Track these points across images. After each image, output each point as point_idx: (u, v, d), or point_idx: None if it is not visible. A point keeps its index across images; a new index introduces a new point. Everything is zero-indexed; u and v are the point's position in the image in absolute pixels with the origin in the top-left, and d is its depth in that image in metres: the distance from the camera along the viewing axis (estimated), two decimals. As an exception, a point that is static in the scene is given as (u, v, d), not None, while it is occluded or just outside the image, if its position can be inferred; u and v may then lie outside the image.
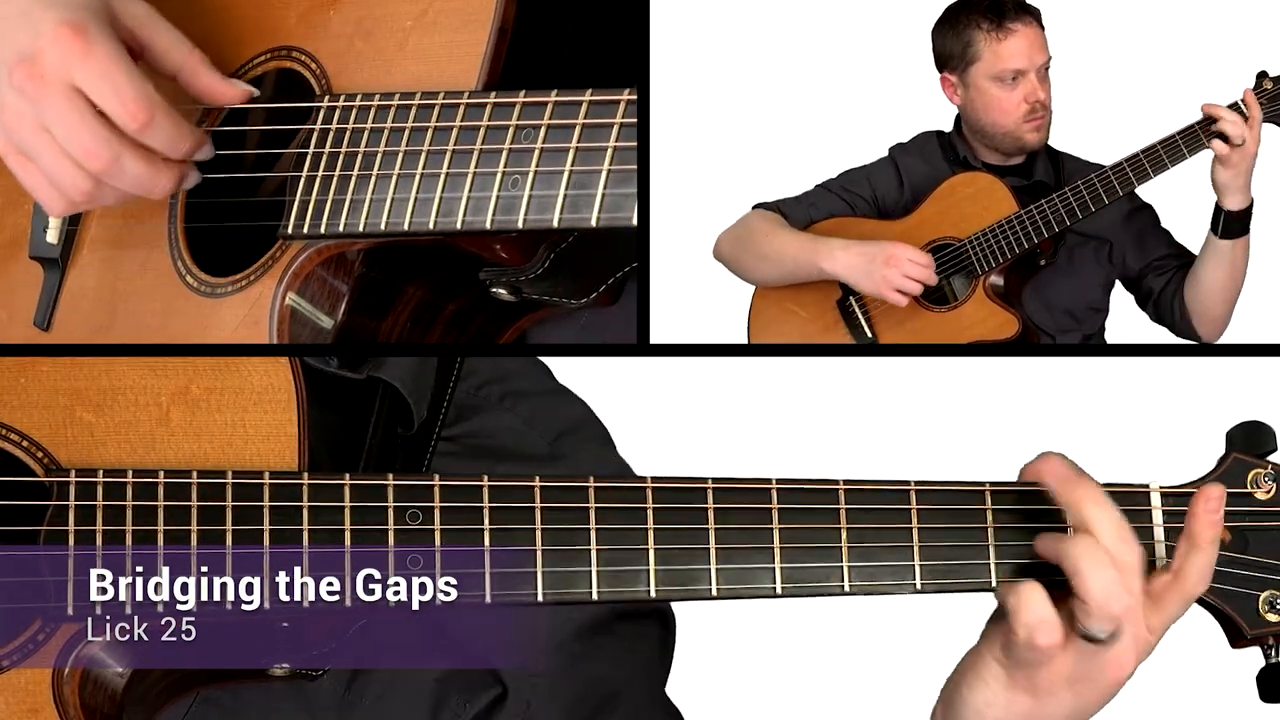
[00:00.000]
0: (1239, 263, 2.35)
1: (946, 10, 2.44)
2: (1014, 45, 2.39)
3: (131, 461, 1.57)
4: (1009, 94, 2.40)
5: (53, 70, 1.59)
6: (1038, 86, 2.39)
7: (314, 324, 1.67)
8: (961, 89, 2.43)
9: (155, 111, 1.61)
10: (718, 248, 2.52)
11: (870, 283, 2.38)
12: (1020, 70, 2.39)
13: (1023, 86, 2.39)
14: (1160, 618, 1.60)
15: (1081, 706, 1.60)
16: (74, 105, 1.59)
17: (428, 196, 1.61)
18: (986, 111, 2.42)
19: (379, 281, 1.69)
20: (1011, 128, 2.41)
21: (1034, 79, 2.39)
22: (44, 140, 1.61)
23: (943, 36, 2.43)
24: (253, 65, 1.75)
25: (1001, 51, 2.39)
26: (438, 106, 1.61)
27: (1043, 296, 2.44)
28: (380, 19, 1.69)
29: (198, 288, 1.70)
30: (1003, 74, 2.39)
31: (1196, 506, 1.59)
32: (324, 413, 1.65)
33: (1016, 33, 2.39)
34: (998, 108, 2.41)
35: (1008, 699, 1.59)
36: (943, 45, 2.43)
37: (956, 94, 2.44)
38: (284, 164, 1.74)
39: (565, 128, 1.57)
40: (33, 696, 1.53)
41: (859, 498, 1.61)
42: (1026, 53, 2.39)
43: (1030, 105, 2.39)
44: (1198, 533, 1.58)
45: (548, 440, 1.86)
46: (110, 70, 1.59)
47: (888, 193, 2.49)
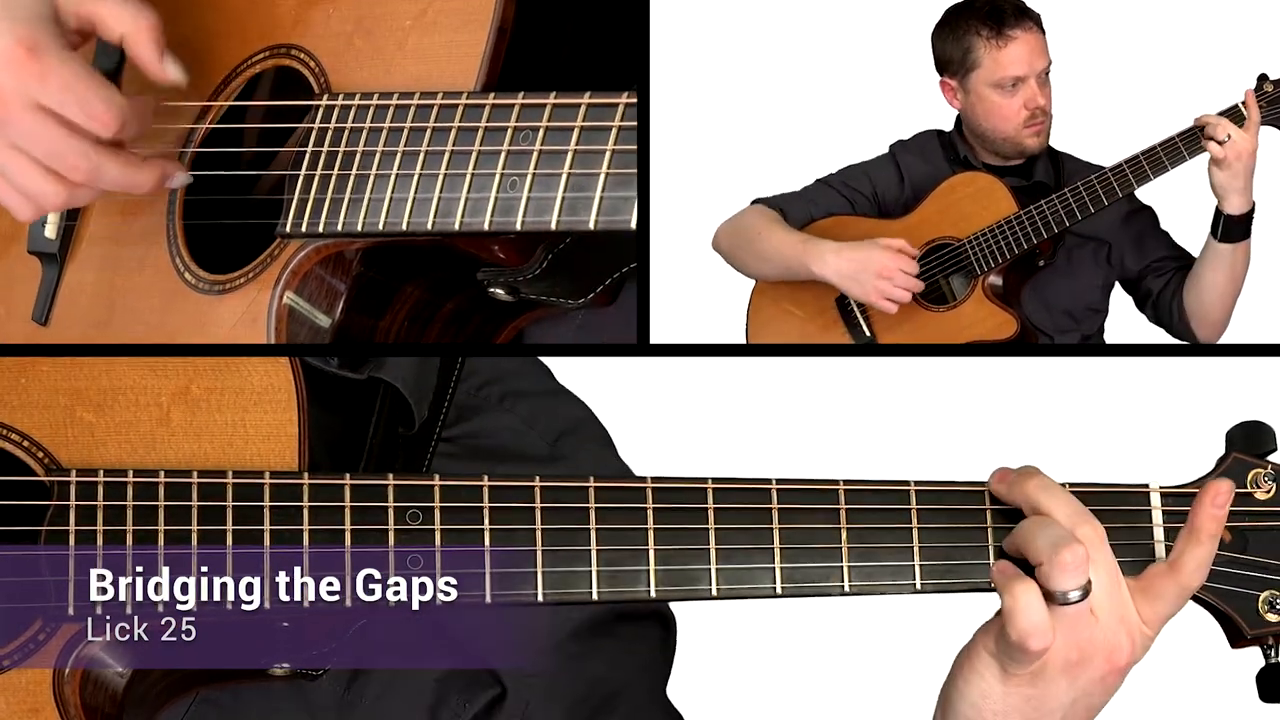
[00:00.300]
0: (1239, 267, 2.34)
1: (945, 14, 2.43)
2: (1014, 52, 2.38)
3: (132, 461, 1.57)
4: (1009, 100, 2.39)
5: (13, 93, 1.58)
6: (1037, 92, 2.39)
7: (312, 323, 1.67)
8: (961, 94, 2.43)
9: (123, 114, 1.61)
10: (715, 239, 2.51)
11: (861, 290, 2.38)
12: (1020, 77, 2.38)
13: (1022, 93, 2.39)
14: (1154, 609, 1.59)
15: (1081, 694, 1.59)
16: (44, 124, 1.59)
17: (426, 197, 1.61)
18: (987, 118, 2.41)
19: (377, 281, 1.68)
20: (1011, 133, 2.40)
21: (1034, 85, 2.38)
22: (15, 158, 1.61)
23: (942, 41, 2.43)
24: (252, 63, 1.75)
25: (1001, 59, 2.38)
26: (436, 107, 1.61)
27: (1042, 297, 2.44)
28: (380, 18, 1.68)
29: (196, 285, 1.70)
30: (1003, 81, 2.39)
31: (1204, 500, 1.59)
32: (324, 413, 1.65)
33: (1016, 39, 2.38)
34: (998, 114, 2.40)
35: (1003, 691, 1.59)
36: (942, 50, 2.43)
37: (956, 98, 2.43)
38: (282, 162, 1.74)
39: (564, 130, 1.57)
40: (33, 696, 1.53)
41: (859, 498, 1.61)
42: (1026, 59, 2.38)
43: (1030, 111, 2.39)
44: (1200, 526, 1.58)
45: (548, 441, 1.86)
46: (71, 84, 1.59)
47: (888, 189, 2.49)
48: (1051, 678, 1.58)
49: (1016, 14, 2.39)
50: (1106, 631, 1.57)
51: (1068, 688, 1.59)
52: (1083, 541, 1.55)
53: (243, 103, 1.72)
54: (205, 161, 1.73)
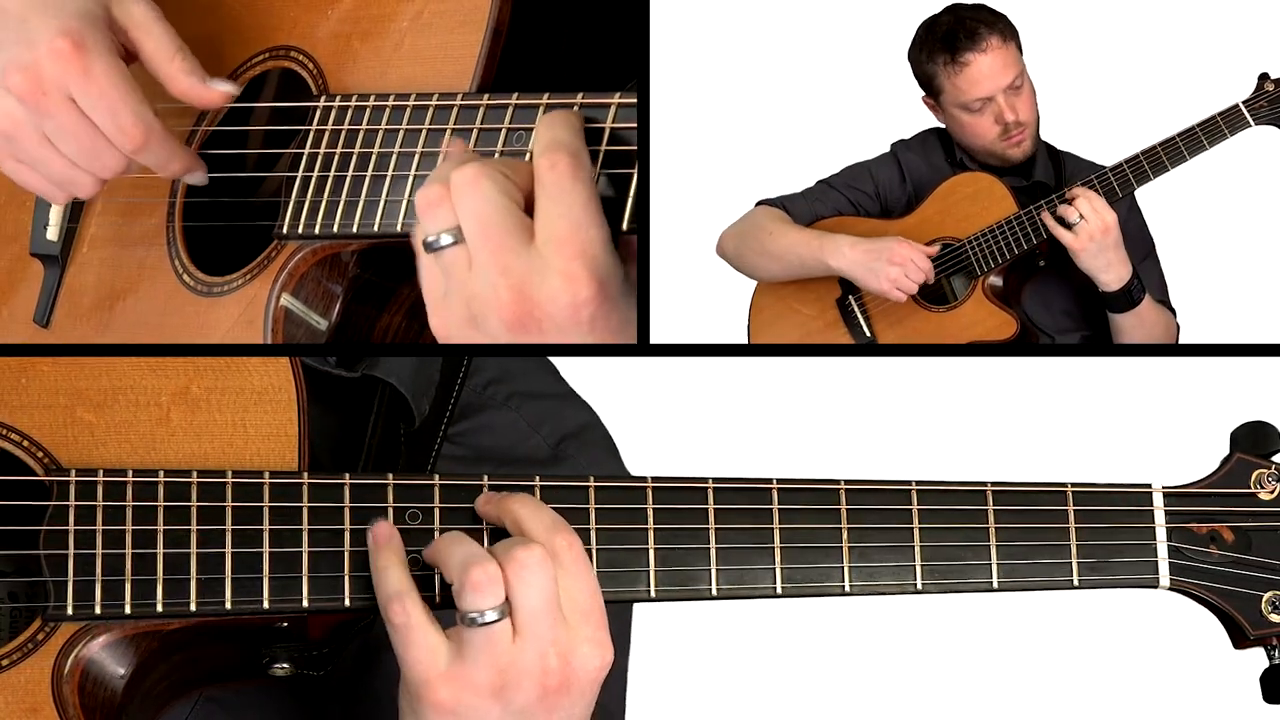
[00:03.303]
0: (1149, 318, 2.34)
1: (915, 35, 2.43)
2: (972, 75, 2.37)
3: (132, 461, 1.56)
4: (979, 119, 2.39)
5: (52, 84, 1.58)
6: (1005, 108, 2.37)
7: (309, 325, 1.67)
8: (940, 112, 2.44)
9: (150, 134, 1.61)
10: (721, 245, 2.52)
11: (874, 279, 2.38)
12: (983, 98, 2.37)
13: (990, 110, 2.38)
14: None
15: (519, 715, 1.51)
16: (79, 121, 1.60)
17: (423, 197, 1.60)
18: (963, 135, 2.42)
19: (373, 282, 1.68)
20: (989, 147, 2.41)
21: (1000, 101, 2.37)
22: (47, 151, 1.62)
23: (915, 63, 2.43)
24: (251, 65, 1.75)
25: (960, 84, 2.38)
26: (432, 108, 1.61)
27: (1042, 297, 2.44)
28: (377, 19, 1.69)
29: (194, 286, 1.70)
30: (968, 104, 2.38)
31: None
32: (324, 412, 1.65)
33: (971, 63, 2.36)
34: (971, 132, 2.41)
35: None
36: (917, 71, 2.43)
37: (938, 116, 2.45)
38: (281, 164, 1.74)
39: None
40: (32, 696, 1.53)
41: (860, 498, 1.61)
42: (987, 79, 2.36)
43: (1002, 126, 2.38)
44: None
45: (551, 443, 1.86)
46: (107, 91, 1.59)
47: (891, 187, 2.49)
48: (472, 704, 1.50)
49: (971, 35, 2.37)
50: (532, 655, 1.49)
51: (500, 712, 1.51)
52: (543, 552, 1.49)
53: (242, 104, 1.72)
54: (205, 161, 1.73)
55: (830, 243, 2.41)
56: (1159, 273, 2.43)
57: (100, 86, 1.59)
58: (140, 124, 1.60)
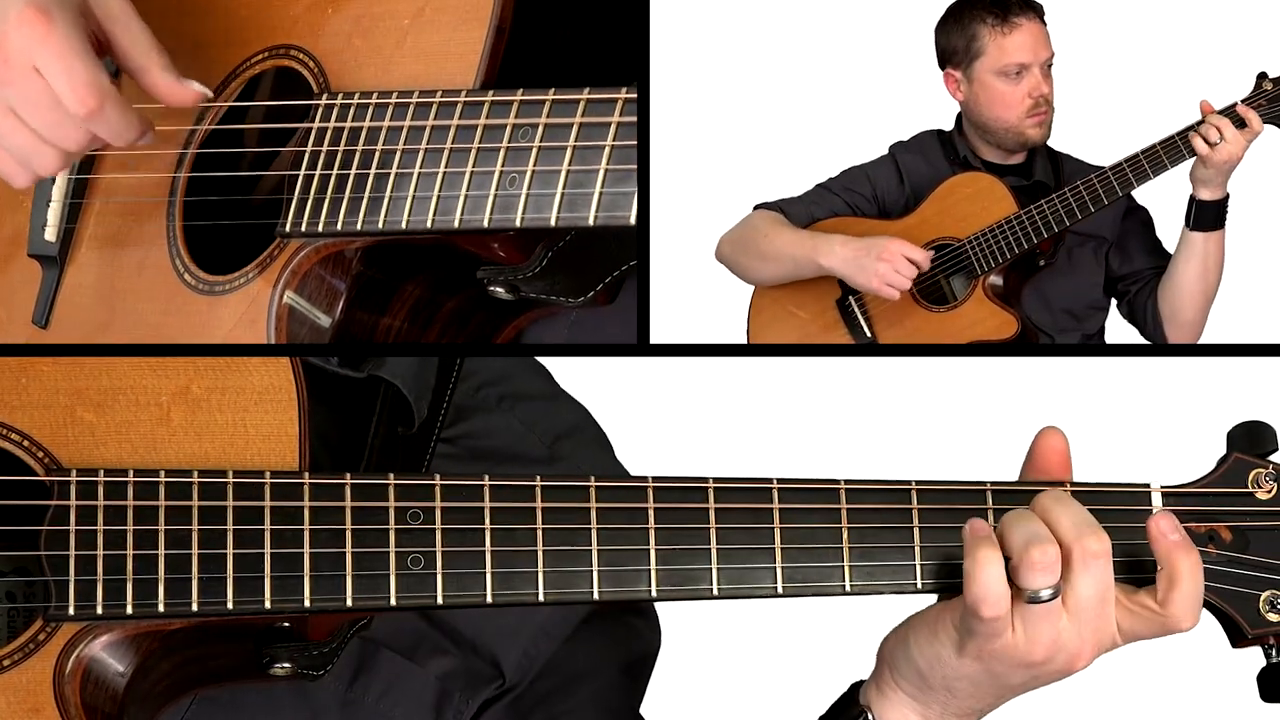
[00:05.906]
0: (1211, 261, 2.35)
1: (951, 6, 2.45)
2: (1019, 39, 2.40)
3: (132, 461, 1.57)
4: (1013, 88, 2.41)
5: (17, 53, 1.58)
6: (1041, 81, 2.40)
7: (312, 322, 1.67)
8: (965, 84, 2.44)
9: (105, 100, 1.60)
10: (719, 250, 2.52)
11: (864, 276, 2.39)
12: (1024, 64, 2.40)
13: (1027, 81, 2.40)
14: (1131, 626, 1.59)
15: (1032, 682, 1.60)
16: (42, 90, 1.59)
17: (425, 195, 1.61)
18: (990, 106, 2.42)
19: (377, 280, 1.69)
20: (1015, 122, 2.42)
21: (1038, 74, 2.40)
22: (10, 121, 1.61)
23: (947, 32, 2.44)
24: (251, 64, 1.75)
25: (1006, 45, 2.40)
26: (435, 105, 1.61)
27: (1042, 296, 2.44)
28: (378, 17, 1.69)
29: (196, 285, 1.70)
30: (1007, 68, 2.40)
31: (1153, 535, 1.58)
32: (325, 412, 1.65)
33: (1021, 27, 2.40)
34: (1001, 102, 2.42)
35: (957, 662, 1.59)
36: (947, 41, 2.44)
37: (960, 89, 2.44)
38: (282, 162, 1.74)
39: (563, 126, 1.57)
40: (34, 696, 1.53)
41: (860, 497, 1.61)
42: (1031, 47, 2.40)
43: (1034, 100, 2.41)
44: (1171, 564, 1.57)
45: (545, 443, 1.86)
46: (65, 53, 1.58)
47: (888, 190, 2.49)
48: (1008, 667, 1.58)
49: (1021, 4, 2.41)
50: (1075, 637, 1.57)
51: (1024, 678, 1.59)
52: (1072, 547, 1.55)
53: (243, 103, 1.72)
54: (206, 162, 1.73)
55: (823, 242, 2.42)
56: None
57: (59, 48, 1.58)
58: (95, 88, 1.59)
